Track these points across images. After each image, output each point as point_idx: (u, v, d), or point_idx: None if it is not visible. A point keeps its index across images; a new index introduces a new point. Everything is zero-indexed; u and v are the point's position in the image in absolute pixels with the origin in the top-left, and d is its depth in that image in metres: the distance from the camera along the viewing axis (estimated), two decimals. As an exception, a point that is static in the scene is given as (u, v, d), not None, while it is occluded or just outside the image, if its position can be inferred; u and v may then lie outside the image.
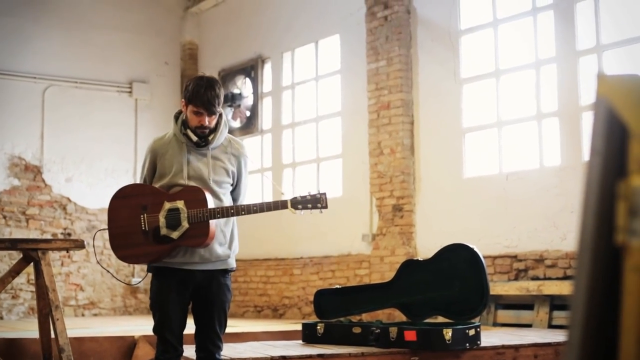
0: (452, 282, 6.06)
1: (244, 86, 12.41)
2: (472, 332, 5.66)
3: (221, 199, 4.51)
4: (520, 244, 8.45)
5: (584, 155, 7.83)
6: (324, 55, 11.20)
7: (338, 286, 6.71)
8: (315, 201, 4.56)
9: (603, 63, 7.95)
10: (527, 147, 8.69)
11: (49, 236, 11.65)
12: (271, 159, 11.80)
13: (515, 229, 8.50)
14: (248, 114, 12.29)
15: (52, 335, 5.74)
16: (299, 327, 6.68)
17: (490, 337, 6.34)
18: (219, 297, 4.49)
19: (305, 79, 11.48)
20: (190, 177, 4.46)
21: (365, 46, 10.12)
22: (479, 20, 9.22)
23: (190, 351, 4.69)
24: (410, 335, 5.60)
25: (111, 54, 12.78)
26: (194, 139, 4.49)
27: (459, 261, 6.05)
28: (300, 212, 4.57)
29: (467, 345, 5.61)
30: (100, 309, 12.25)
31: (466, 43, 9.33)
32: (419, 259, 6.44)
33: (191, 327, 4.54)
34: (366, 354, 5.57)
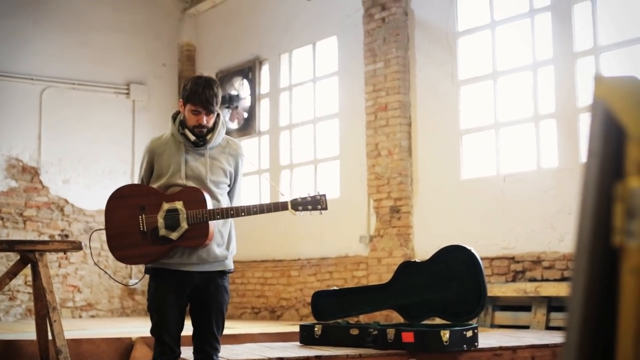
0: (449, 283, 6.06)
1: (241, 88, 12.41)
2: (469, 333, 5.66)
3: (219, 199, 4.51)
4: (517, 245, 8.46)
5: (582, 157, 7.84)
6: (321, 57, 11.20)
7: (335, 288, 6.71)
8: (315, 202, 4.56)
9: (600, 65, 7.95)
10: (524, 149, 8.70)
11: (46, 238, 11.63)
12: (269, 160, 11.80)
13: (513, 230, 8.51)
14: (245, 115, 12.28)
15: (50, 337, 5.73)
16: (296, 329, 6.68)
17: (488, 339, 6.34)
18: (216, 298, 4.49)
19: (303, 80, 11.48)
20: (188, 177, 4.46)
21: (362, 48, 10.12)
22: (477, 21, 9.23)
23: (188, 353, 4.68)
24: (408, 337, 5.60)
25: (109, 55, 12.77)
26: (192, 138, 4.48)
27: (456, 263, 6.05)
28: (300, 214, 4.57)
29: (465, 346, 5.62)
30: (98, 310, 12.24)
31: (464, 45, 9.34)
32: (417, 260, 6.43)
33: (189, 329, 4.54)
34: (364, 356, 5.57)
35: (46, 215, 11.98)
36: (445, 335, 5.48)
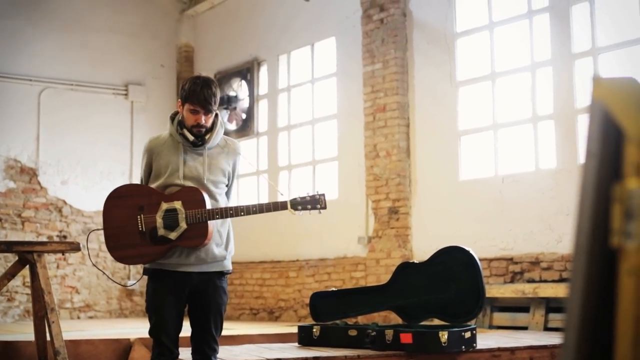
0: (447, 284, 6.06)
1: (239, 89, 12.41)
2: (467, 334, 5.66)
3: (217, 199, 4.51)
4: (516, 246, 8.46)
5: (580, 158, 7.85)
6: (319, 58, 11.20)
7: (334, 289, 6.71)
8: (314, 202, 4.57)
9: (599, 66, 7.95)
10: (522, 150, 8.70)
11: (44, 239, 11.63)
12: (267, 161, 11.79)
13: (511, 231, 8.51)
14: (244, 116, 12.28)
15: (48, 338, 5.73)
16: (294, 330, 6.68)
17: (486, 340, 6.34)
18: (215, 299, 4.49)
19: (301, 81, 11.47)
20: (186, 177, 4.45)
21: (361, 49, 10.12)
22: (475, 22, 9.23)
23: (186, 354, 4.68)
24: (406, 338, 5.60)
25: (107, 56, 12.77)
26: (191, 138, 4.48)
27: (454, 264, 6.05)
28: (300, 213, 4.58)
29: (463, 347, 5.61)
30: (96, 311, 12.23)
31: (462, 46, 9.34)
32: (415, 261, 6.43)
33: (187, 330, 4.54)
34: (362, 357, 5.56)
35: (44, 216, 11.98)
36: (444, 336, 5.48)
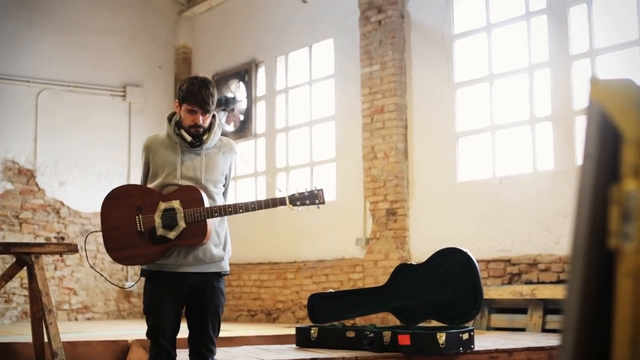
0: (445, 286, 6.06)
1: (237, 90, 12.41)
2: (465, 336, 5.66)
3: (215, 199, 4.51)
4: (513, 248, 8.46)
5: (577, 159, 7.85)
6: (317, 59, 11.20)
7: (332, 290, 6.71)
8: (312, 197, 4.57)
9: (596, 67, 7.96)
10: (520, 152, 8.70)
11: (42, 240, 11.62)
12: (265, 163, 11.79)
13: (509, 233, 8.51)
14: (242, 118, 12.28)
15: (46, 340, 5.73)
16: (292, 331, 6.67)
17: (484, 341, 6.34)
18: (212, 301, 4.48)
19: (299, 83, 11.47)
20: (184, 177, 4.45)
21: (359, 50, 10.12)
22: (473, 24, 9.23)
23: (184, 355, 4.67)
24: (404, 340, 5.60)
25: (105, 58, 12.76)
26: (188, 139, 4.48)
27: (452, 265, 6.05)
28: (298, 209, 4.59)
29: (461, 349, 5.61)
30: (94, 313, 12.22)
31: (460, 47, 9.34)
32: (413, 263, 6.43)
33: (185, 331, 4.53)
34: (360, 358, 5.56)
35: (42, 217, 11.97)
36: (442, 337, 5.48)
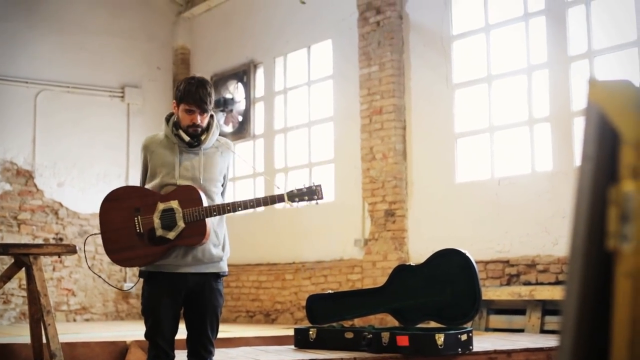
0: (444, 287, 6.05)
1: (236, 91, 12.40)
2: (464, 337, 5.66)
3: (214, 198, 4.51)
4: (512, 249, 8.46)
5: (576, 160, 7.85)
6: (316, 61, 11.20)
7: (330, 291, 6.71)
8: (311, 193, 4.57)
9: (595, 68, 7.97)
10: (519, 153, 8.71)
11: (40, 241, 11.62)
12: (263, 164, 11.79)
13: (507, 234, 8.51)
14: (240, 118, 12.28)
15: (44, 341, 5.72)
16: (291, 332, 6.67)
17: (483, 342, 6.34)
18: (211, 302, 4.48)
19: (298, 84, 11.47)
20: (182, 177, 4.45)
21: (357, 51, 10.12)
22: (471, 25, 9.23)
23: (182, 356, 4.67)
24: (403, 341, 5.60)
25: (103, 58, 12.76)
26: (186, 139, 4.48)
27: (451, 266, 6.05)
28: (297, 205, 4.59)
29: (459, 350, 5.61)
30: (92, 314, 12.21)
31: (458, 48, 9.34)
32: (411, 264, 6.43)
33: (183, 332, 4.53)
34: (358, 359, 5.56)
35: (40, 218, 11.96)
36: (440, 338, 5.48)
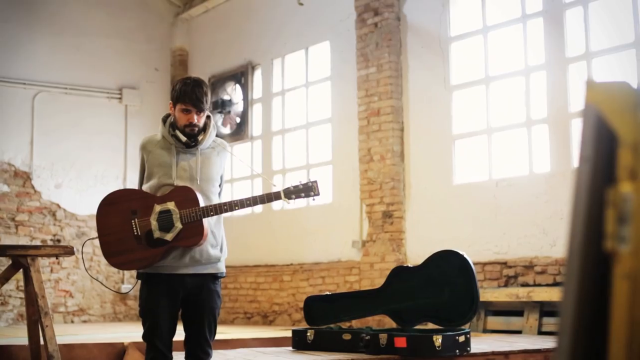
0: (442, 288, 6.05)
1: (234, 92, 12.40)
2: (462, 338, 5.66)
3: (211, 198, 4.51)
4: (510, 250, 8.46)
5: (574, 162, 7.86)
6: (314, 62, 11.20)
7: (328, 293, 6.70)
8: (307, 189, 4.57)
9: (592, 70, 7.97)
10: (516, 154, 8.71)
11: (38, 242, 11.61)
12: (261, 165, 11.79)
13: (505, 235, 8.51)
14: (238, 120, 12.27)
15: (42, 342, 5.71)
16: (288, 334, 6.67)
17: (480, 344, 6.34)
18: (208, 303, 4.48)
19: (296, 85, 11.47)
20: (179, 177, 4.45)
21: (355, 53, 10.13)
22: (469, 27, 9.24)
23: (180, 358, 4.67)
24: (400, 342, 5.60)
25: (101, 60, 12.75)
26: (183, 139, 4.48)
27: (448, 268, 6.05)
28: (294, 202, 4.60)
29: (457, 351, 5.61)
30: (90, 315, 12.21)
31: (456, 50, 9.35)
32: (409, 265, 6.43)
33: (181, 334, 4.53)
34: (356, 361, 5.56)
35: (38, 220, 11.95)
36: (438, 340, 5.48)
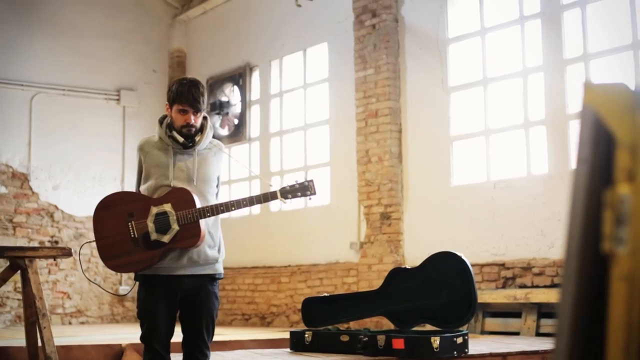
0: (440, 290, 6.05)
1: (232, 94, 12.40)
2: (459, 340, 5.66)
3: (208, 199, 4.51)
4: (507, 252, 8.46)
5: (571, 163, 7.86)
6: (312, 63, 11.20)
7: (326, 294, 6.70)
8: (303, 189, 4.58)
9: (590, 72, 7.98)
10: (514, 155, 8.71)
11: (36, 244, 11.60)
12: (259, 166, 11.78)
13: (503, 237, 8.51)
14: (236, 121, 12.27)
15: (39, 344, 5.71)
16: (286, 335, 6.67)
17: (478, 345, 6.33)
18: (206, 305, 4.47)
19: (294, 87, 11.47)
20: (176, 178, 4.45)
21: (353, 54, 10.13)
22: (467, 28, 9.24)
23: (178, 359, 4.67)
24: (398, 343, 5.60)
25: (99, 61, 12.75)
26: (180, 140, 4.48)
27: (446, 269, 6.05)
28: (291, 201, 4.59)
29: (455, 353, 5.61)
30: (88, 317, 12.20)
31: (454, 51, 9.35)
32: (407, 267, 6.44)
33: (178, 335, 4.53)
34: (354, 362, 5.56)
35: (36, 221, 11.94)
36: (436, 341, 5.48)
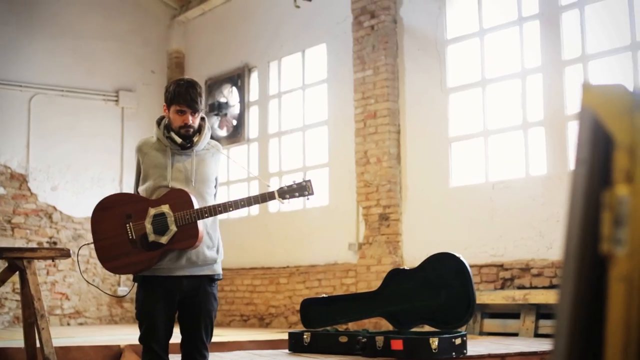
0: (438, 291, 6.06)
1: (230, 95, 12.40)
2: (458, 341, 5.66)
3: (206, 199, 4.51)
4: (506, 253, 8.46)
5: (570, 164, 7.86)
6: (310, 64, 11.20)
7: (324, 295, 6.70)
8: (301, 189, 4.57)
9: (588, 73, 7.98)
10: (513, 157, 8.72)
11: (34, 245, 11.59)
12: (258, 167, 11.78)
13: (502, 237, 8.51)
14: (234, 122, 12.27)
15: (38, 345, 5.70)
16: (285, 337, 6.67)
17: (477, 346, 6.34)
18: (205, 306, 4.47)
19: (292, 88, 11.47)
20: (174, 179, 4.45)
21: (351, 55, 10.13)
22: (465, 29, 9.25)
23: (176, 360, 4.67)
24: (397, 345, 5.60)
25: (98, 62, 12.75)
26: (178, 141, 4.48)
27: (445, 270, 6.05)
28: (288, 201, 4.59)
29: (454, 354, 5.61)
30: (86, 318, 12.19)
31: (452, 52, 9.35)
32: (406, 268, 6.43)
33: (177, 337, 4.52)
34: (353, 363, 5.56)
35: (34, 222, 11.94)
36: (434, 342, 5.48)
